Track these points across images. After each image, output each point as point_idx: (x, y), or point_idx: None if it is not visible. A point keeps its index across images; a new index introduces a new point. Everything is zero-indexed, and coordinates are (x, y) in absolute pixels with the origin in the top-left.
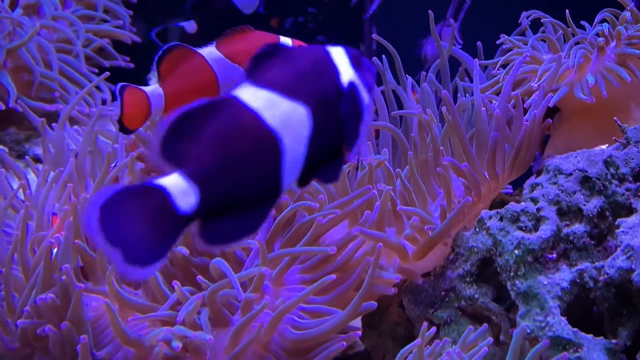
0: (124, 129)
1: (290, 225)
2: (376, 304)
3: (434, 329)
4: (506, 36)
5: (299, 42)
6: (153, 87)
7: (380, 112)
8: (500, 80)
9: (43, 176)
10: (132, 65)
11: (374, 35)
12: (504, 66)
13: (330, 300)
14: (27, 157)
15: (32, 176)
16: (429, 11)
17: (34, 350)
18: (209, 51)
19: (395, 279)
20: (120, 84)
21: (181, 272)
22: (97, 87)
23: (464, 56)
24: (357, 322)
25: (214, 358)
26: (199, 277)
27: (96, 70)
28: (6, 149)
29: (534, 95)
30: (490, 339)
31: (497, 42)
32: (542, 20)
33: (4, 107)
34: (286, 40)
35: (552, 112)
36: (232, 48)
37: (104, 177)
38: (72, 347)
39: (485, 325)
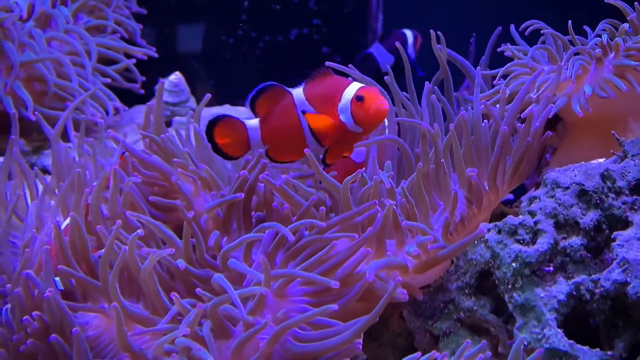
0: (225, 156)
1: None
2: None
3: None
4: (509, 45)
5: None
6: (253, 122)
7: (389, 124)
8: (500, 91)
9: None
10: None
11: (396, 44)
12: (505, 76)
13: (332, 312)
14: (35, 168)
15: (40, 188)
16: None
17: None
18: (297, 92)
19: (403, 298)
20: (219, 114)
21: (182, 284)
22: (109, 97)
23: (466, 65)
24: None
25: None
26: (198, 289)
27: (108, 81)
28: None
29: (531, 106)
30: (489, 353)
31: (498, 49)
32: (542, 32)
33: (13, 111)
34: (355, 86)
35: (551, 122)
36: (311, 91)
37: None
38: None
39: (484, 342)
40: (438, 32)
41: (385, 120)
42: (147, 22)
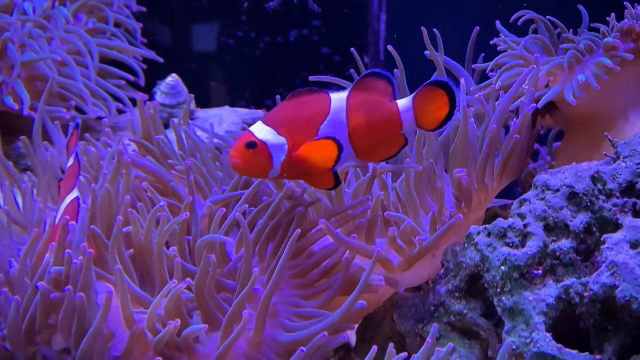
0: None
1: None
2: (366, 303)
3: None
4: (502, 36)
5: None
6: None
7: None
8: (493, 83)
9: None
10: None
11: (389, 47)
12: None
13: (321, 304)
14: (28, 172)
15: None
16: (427, 28)
17: (37, 349)
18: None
19: (380, 284)
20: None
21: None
22: (115, 97)
23: (455, 66)
24: (353, 335)
25: (206, 357)
26: (188, 279)
27: (122, 83)
28: (11, 163)
29: (520, 99)
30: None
31: (491, 42)
32: (537, 21)
33: (17, 107)
34: None
35: (548, 108)
36: None
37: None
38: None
39: (450, 345)
40: (434, 30)
41: None
42: (146, 23)
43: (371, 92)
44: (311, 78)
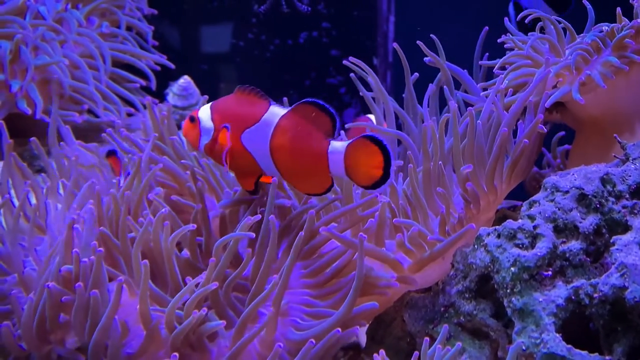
0: None
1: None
2: (377, 304)
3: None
4: (510, 35)
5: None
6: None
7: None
8: (499, 82)
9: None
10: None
11: (395, 45)
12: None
13: (333, 304)
14: (43, 174)
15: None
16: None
17: (51, 348)
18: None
19: (390, 278)
20: None
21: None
22: (126, 100)
23: (458, 71)
24: (363, 336)
25: (218, 356)
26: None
27: (136, 86)
28: (25, 164)
29: (529, 99)
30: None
31: (499, 40)
32: (545, 21)
33: (30, 112)
34: None
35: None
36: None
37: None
38: (94, 317)
39: (458, 344)
40: (432, 36)
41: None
42: (157, 25)
43: (310, 122)
44: (345, 62)
